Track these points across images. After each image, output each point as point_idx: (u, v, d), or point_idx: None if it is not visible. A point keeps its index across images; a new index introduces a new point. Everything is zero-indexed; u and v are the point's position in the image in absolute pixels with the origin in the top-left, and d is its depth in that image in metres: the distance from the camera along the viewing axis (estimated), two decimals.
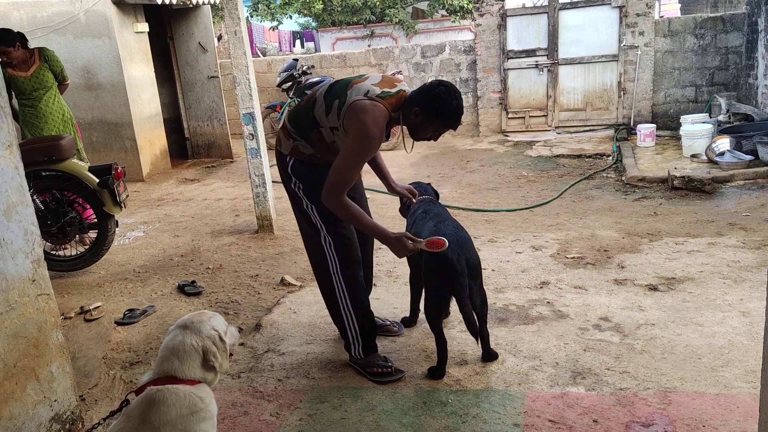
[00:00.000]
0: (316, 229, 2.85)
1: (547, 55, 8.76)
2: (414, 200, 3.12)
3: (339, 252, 2.84)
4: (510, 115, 9.09)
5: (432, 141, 2.77)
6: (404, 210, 3.28)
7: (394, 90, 2.66)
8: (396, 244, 2.63)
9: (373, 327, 3.00)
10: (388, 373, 2.89)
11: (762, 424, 1.66)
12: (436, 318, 2.82)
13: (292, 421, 2.62)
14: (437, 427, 2.50)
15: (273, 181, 5.40)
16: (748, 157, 5.94)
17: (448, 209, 3.15)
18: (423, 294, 2.93)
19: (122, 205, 4.44)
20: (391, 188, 3.17)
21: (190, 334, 1.95)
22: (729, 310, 3.31)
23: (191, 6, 8.37)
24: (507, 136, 9.03)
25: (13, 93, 5.03)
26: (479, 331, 2.88)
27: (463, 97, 9.27)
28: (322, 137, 2.72)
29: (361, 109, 2.52)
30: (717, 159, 6.09)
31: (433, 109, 2.57)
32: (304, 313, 3.67)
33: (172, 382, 1.88)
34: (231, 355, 2.12)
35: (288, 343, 3.31)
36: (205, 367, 1.94)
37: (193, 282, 4.20)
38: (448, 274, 2.69)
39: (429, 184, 3.32)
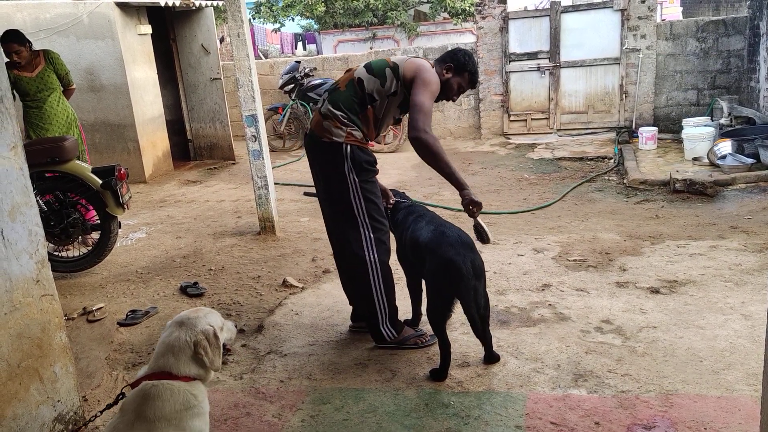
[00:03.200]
0: (355, 217, 3.04)
1: (548, 58, 8.77)
2: (387, 204, 3.25)
3: (376, 239, 3.06)
4: (512, 118, 9.10)
5: (452, 102, 3.26)
6: None
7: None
8: (474, 199, 3.19)
9: (396, 308, 3.25)
10: (425, 341, 3.17)
11: (764, 427, 1.67)
12: (441, 322, 2.82)
13: (294, 422, 2.63)
14: (439, 429, 2.50)
15: (275, 183, 5.41)
16: (750, 161, 5.94)
17: (449, 211, 3.16)
18: (424, 297, 2.94)
19: (125, 206, 4.45)
20: None
21: (185, 329, 1.97)
22: (731, 313, 3.31)
23: (194, 8, 8.39)
24: (509, 138, 9.04)
25: (16, 95, 5.05)
26: (481, 334, 2.89)
27: (465, 99, 9.29)
28: (374, 114, 3.05)
29: (417, 61, 3.06)
30: (719, 162, 6.09)
31: (463, 65, 3.12)
32: (306, 314, 3.68)
33: (168, 377, 1.91)
34: (229, 351, 2.14)
35: (290, 345, 3.32)
36: (195, 362, 1.95)
37: (196, 283, 4.21)
38: (455, 278, 2.70)
39: (403, 192, 3.48)
